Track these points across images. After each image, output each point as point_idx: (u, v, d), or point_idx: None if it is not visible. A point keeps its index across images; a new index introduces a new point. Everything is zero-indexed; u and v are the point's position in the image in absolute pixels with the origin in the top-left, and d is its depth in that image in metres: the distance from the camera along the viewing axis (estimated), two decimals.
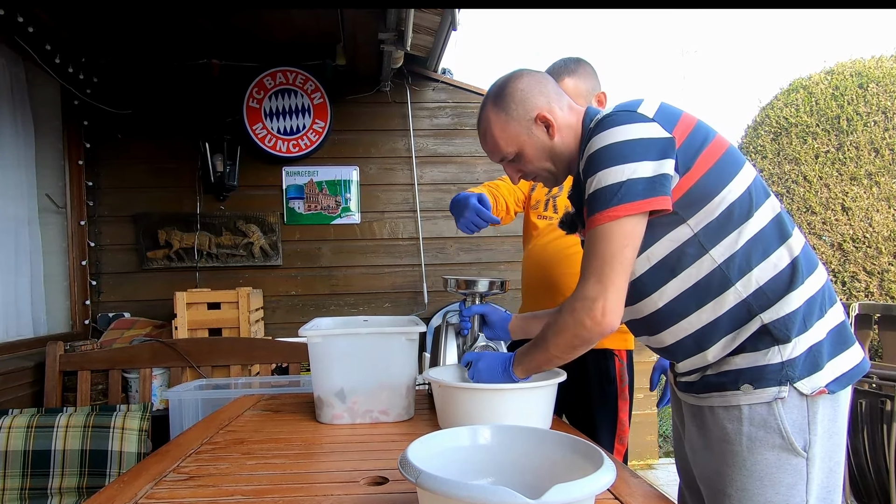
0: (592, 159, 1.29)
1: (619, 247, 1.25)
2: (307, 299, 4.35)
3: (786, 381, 1.25)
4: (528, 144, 1.48)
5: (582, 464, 0.95)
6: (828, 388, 1.24)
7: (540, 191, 2.28)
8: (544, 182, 1.58)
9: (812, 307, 1.28)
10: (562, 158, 1.49)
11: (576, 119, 1.48)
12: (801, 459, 1.24)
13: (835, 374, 1.26)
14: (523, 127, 1.47)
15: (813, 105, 5.14)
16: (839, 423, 1.28)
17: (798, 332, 1.26)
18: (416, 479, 0.84)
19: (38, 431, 2.71)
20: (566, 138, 1.47)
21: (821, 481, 1.26)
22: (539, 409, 1.50)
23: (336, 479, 1.26)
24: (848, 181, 4.82)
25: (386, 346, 1.73)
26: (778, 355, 1.26)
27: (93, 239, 4.14)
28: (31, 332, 3.53)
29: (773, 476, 1.25)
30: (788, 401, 1.24)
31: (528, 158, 1.50)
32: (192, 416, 2.64)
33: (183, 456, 1.43)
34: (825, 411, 1.26)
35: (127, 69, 4.16)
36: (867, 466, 3.44)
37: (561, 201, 2.21)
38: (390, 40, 3.49)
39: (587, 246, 1.30)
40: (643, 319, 1.42)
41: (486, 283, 1.82)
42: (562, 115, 1.47)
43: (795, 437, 1.24)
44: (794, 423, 1.24)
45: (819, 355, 1.26)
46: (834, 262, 4.70)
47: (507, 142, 1.50)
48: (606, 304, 1.26)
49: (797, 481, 1.24)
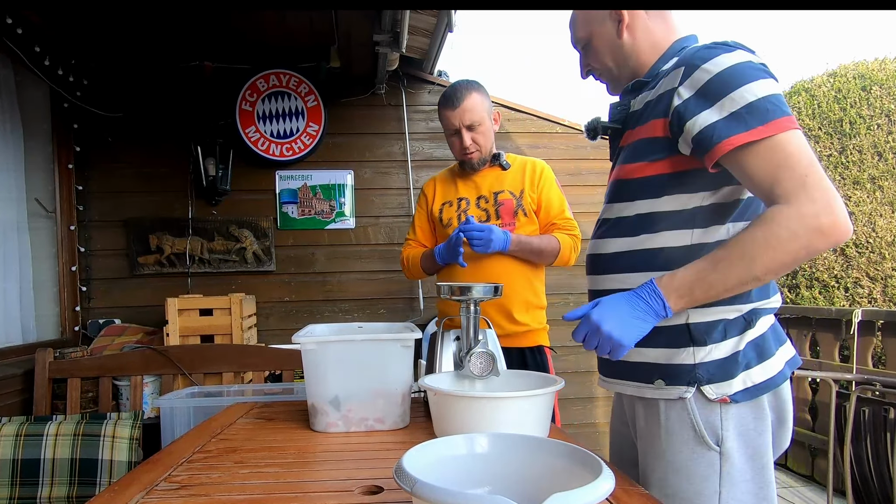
0: (718, 80, 1.23)
1: (809, 154, 1.18)
2: (301, 305, 4.32)
3: (694, 382, 1.31)
4: (597, 34, 1.51)
5: (580, 472, 0.94)
6: (731, 398, 1.29)
7: (448, 210, 2.60)
8: (607, 84, 1.60)
9: (737, 321, 1.32)
10: (627, 61, 1.49)
11: (664, 29, 1.47)
12: (714, 454, 1.30)
13: (745, 384, 1.30)
14: (599, 16, 1.49)
15: (815, 108, 5.14)
16: (763, 420, 1.31)
17: (715, 340, 1.31)
18: (411, 489, 0.83)
19: (27, 440, 2.71)
20: (639, 43, 1.47)
21: (747, 478, 1.30)
22: (537, 416, 1.48)
23: (330, 488, 1.25)
24: (851, 185, 4.81)
25: (381, 353, 1.72)
26: (691, 357, 1.32)
27: (83, 244, 4.10)
28: (19, 338, 3.48)
29: (688, 468, 1.32)
30: (699, 403, 1.31)
31: (595, 49, 1.53)
32: (184, 425, 2.63)
33: (175, 465, 1.42)
34: (741, 409, 1.30)
35: (118, 71, 4.13)
36: (870, 475, 3.43)
37: (472, 213, 2.52)
38: (385, 42, 3.46)
39: (767, 159, 1.19)
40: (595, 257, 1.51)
41: (480, 288, 1.79)
42: (642, 18, 1.46)
43: (707, 432, 1.30)
44: (706, 418, 1.31)
45: (731, 366, 1.30)
46: (836, 268, 4.68)
47: (581, 24, 1.54)
48: (835, 210, 1.14)
49: (710, 474, 1.30)
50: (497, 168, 2.58)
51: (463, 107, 2.43)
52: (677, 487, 1.33)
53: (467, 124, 2.45)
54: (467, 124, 2.45)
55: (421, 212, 2.75)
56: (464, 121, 2.44)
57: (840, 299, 4.62)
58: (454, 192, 2.63)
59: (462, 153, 2.52)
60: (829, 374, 3.65)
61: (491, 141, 2.54)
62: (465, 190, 2.60)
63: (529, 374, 1.76)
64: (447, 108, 2.46)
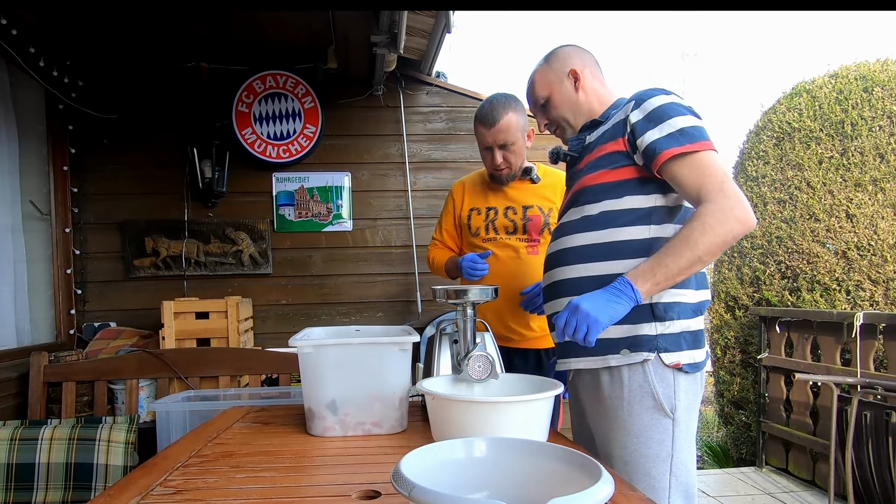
0: (659, 110, 1.61)
1: (724, 168, 1.55)
2: (298, 308, 4.30)
3: (654, 349, 1.61)
4: (556, 92, 1.86)
5: (579, 477, 0.94)
6: (683, 366, 1.61)
7: (476, 219, 2.63)
8: (560, 132, 1.92)
9: (688, 306, 1.64)
10: (581, 113, 1.86)
11: (605, 91, 1.87)
12: (669, 420, 1.60)
13: (692, 359, 1.63)
14: (557, 76, 1.86)
15: (816, 109, 5.12)
16: (697, 399, 1.66)
17: (677, 317, 1.62)
18: (409, 494, 0.83)
19: (21, 444, 2.71)
20: (590, 98, 1.84)
21: (684, 444, 1.62)
22: (536, 421, 1.48)
23: (327, 493, 1.25)
24: (852, 187, 4.79)
25: (378, 356, 1.72)
26: (653, 329, 1.62)
27: (78, 247, 4.08)
28: (14, 342, 3.47)
29: (647, 433, 1.60)
30: (657, 370, 1.60)
31: (554, 104, 1.87)
32: (180, 429, 2.62)
33: (170, 469, 1.41)
34: (687, 386, 1.62)
35: (113, 72, 4.12)
36: (872, 479, 3.41)
37: (500, 223, 2.58)
38: (383, 43, 3.45)
39: (693, 169, 1.55)
40: (563, 251, 1.76)
41: (476, 291, 1.77)
42: (591, 79, 1.85)
43: (665, 401, 1.59)
44: (663, 390, 1.60)
45: (684, 341, 1.63)
46: (838, 271, 4.66)
47: (541, 86, 1.89)
48: (745, 206, 1.50)
49: (665, 438, 1.60)
50: (527, 182, 2.57)
51: (498, 127, 2.42)
52: (636, 452, 1.61)
53: (500, 143, 2.45)
54: (500, 143, 2.45)
55: (448, 214, 2.76)
56: (497, 140, 2.44)
57: (841, 302, 4.60)
58: (483, 200, 2.63)
59: (493, 169, 2.53)
60: (831, 378, 3.64)
61: (523, 158, 2.54)
62: (495, 199, 2.61)
63: (528, 377, 1.76)
64: (482, 126, 2.46)
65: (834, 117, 4.99)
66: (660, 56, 29.13)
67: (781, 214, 5.07)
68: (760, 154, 5.42)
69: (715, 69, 23.70)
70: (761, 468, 4.75)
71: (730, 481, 4.46)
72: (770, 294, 5.01)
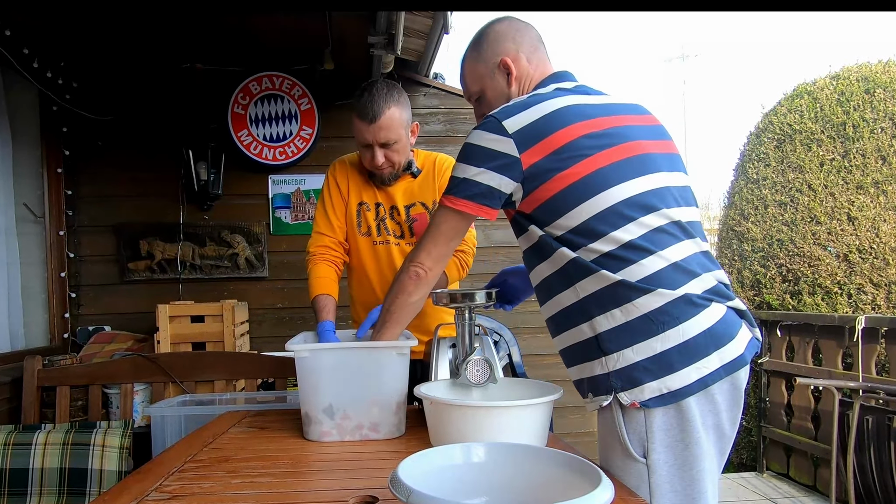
0: None
1: (447, 229, 1.50)
2: (294, 312, 4.28)
3: (610, 390, 1.36)
4: (489, 87, 1.63)
5: (579, 482, 0.94)
6: (642, 404, 1.33)
7: (367, 215, 2.35)
8: None
9: (645, 323, 1.33)
10: None
11: (539, 76, 1.59)
12: (642, 465, 1.35)
13: (662, 389, 1.32)
14: (488, 69, 1.62)
15: (818, 111, 5.12)
16: (691, 433, 1.33)
17: (623, 346, 1.35)
18: (407, 499, 0.83)
19: (15, 449, 2.68)
20: (524, 89, 1.59)
21: (678, 489, 1.35)
22: (534, 426, 1.47)
23: (324, 498, 1.25)
24: (854, 190, 4.79)
25: (376, 360, 1.71)
26: (602, 366, 1.37)
27: (72, 250, 4.06)
28: (7, 346, 3.46)
29: (620, 477, 1.37)
30: (625, 410, 1.35)
31: (487, 101, 1.64)
32: (175, 433, 2.59)
33: (165, 474, 1.41)
34: (668, 421, 1.33)
35: (107, 74, 4.10)
36: (874, 484, 3.39)
37: (389, 225, 2.34)
38: (380, 44, 3.45)
39: (432, 217, 1.54)
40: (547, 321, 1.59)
41: (477, 295, 1.72)
42: (525, 66, 1.59)
43: (633, 444, 1.35)
44: (633, 431, 1.35)
45: (644, 371, 1.33)
46: (839, 274, 4.65)
47: (472, 80, 1.67)
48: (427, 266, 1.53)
49: (640, 484, 1.35)
50: (408, 177, 2.33)
51: (379, 124, 2.11)
52: None
53: (382, 142, 2.14)
54: (382, 142, 2.14)
55: (337, 199, 2.36)
56: (378, 139, 2.14)
57: (843, 306, 4.59)
58: (372, 195, 2.35)
59: (373, 168, 2.25)
60: (832, 382, 3.62)
61: (406, 156, 2.26)
62: (382, 195, 2.36)
63: (527, 382, 1.75)
64: (361, 120, 2.14)
65: (835, 119, 4.99)
66: (660, 56, 29.20)
67: (782, 217, 5.06)
68: (761, 156, 5.42)
69: (716, 70, 23.76)
70: (762, 473, 4.73)
71: (730, 487, 4.45)
72: (771, 297, 5.00)
